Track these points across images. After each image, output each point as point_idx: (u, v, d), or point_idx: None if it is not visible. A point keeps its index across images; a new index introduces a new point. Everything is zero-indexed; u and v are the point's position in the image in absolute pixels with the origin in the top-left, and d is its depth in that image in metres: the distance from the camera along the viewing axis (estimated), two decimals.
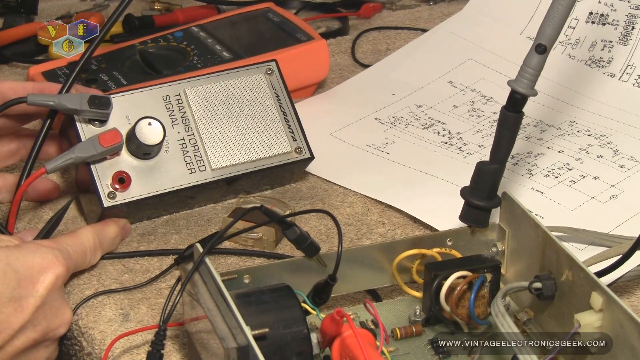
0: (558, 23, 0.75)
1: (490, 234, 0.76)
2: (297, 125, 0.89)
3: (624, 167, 0.93)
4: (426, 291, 0.72)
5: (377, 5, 1.30)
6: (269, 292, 0.68)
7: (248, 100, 0.89)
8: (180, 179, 0.85)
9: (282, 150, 0.88)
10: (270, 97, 0.90)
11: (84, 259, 0.78)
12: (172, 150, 0.85)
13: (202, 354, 0.67)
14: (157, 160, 0.85)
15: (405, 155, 0.97)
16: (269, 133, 0.88)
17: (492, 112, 1.04)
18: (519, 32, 1.14)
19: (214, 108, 0.87)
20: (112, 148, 0.82)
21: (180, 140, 0.86)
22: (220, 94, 0.88)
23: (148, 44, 1.05)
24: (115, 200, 0.82)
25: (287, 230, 0.70)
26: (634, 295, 0.79)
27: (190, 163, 0.85)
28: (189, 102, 0.87)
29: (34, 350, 0.72)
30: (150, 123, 0.83)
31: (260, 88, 0.89)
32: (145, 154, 0.84)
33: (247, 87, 0.89)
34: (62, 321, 0.73)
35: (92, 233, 0.79)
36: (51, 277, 0.71)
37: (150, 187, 0.84)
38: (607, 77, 1.06)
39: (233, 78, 0.89)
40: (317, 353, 0.66)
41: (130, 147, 0.84)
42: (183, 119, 0.87)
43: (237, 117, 0.88)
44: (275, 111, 0.89)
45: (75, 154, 0.82)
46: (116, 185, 0.83)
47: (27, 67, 1.06)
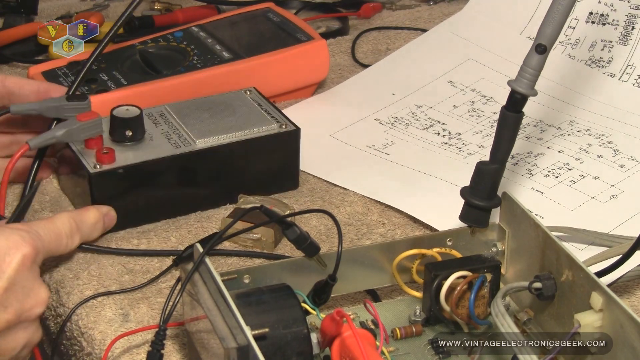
0: (558, 23, 0.75)
1: (490, 234, 0.76)
2: (277, 112, 0.92)
3: (624, 167, 0.93)
4: (426, 291, 0.72)
5: (377, 5, 1.30)
6: (269, 292, 0.68)
7: (228, 104, 0.92)
8: (167, 152, 0.86)
9: (267, 126, 0.89)
10: (250, 101, 0.93)
11: (58, 242, 0.77)
12: (156, 137, 0.88)
13: (202, 354, 0.67)
14: (142, 143, 0.87)
15: (405, 156, 0.97)
16: (251, 117, 0.90)
17: (492, 112, 1.04)
18: (519, 32, 1.14)
19: (197, 114, 0.91)
20: (89, 124, 0.85)
21: (164, 133, 0.88)
22: (200, 104, 0.93)
23: (148, 44, 1.05)
24: (102, 168, 0.83)
25: (287, 230, 0.70)
26: (634, 295, 0.79)
27: (175, 142, 0.87)
28: (171, 112, 0.91)
29: (11, 333, 0.71)
30: (127, 109, 0.87)
31: (239, 98, 0.94)
32: (128, 134, 0.86)
33: (227, 97, 0.94)
34: (37, 301, 0.71)
35: (69, 217, 0.79)
36: (18, 257, 0.70)
37: (137, 158, 0.85)
38: (607, 77, 1.06)
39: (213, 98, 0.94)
40: (317, 353, 0.66)
41: (113, 134, 0.86)
42: (166, 122, 0.90)
43: (219, 114, 0.91)
44: (256, 106, 0.92)
45: (56, 130, 0.85)
46: (101, 157, 0.84)
47: (27, 67, 1.06)
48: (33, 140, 0.84)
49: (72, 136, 0.85)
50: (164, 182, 0.87)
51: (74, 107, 0.87)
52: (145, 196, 0.87)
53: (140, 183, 0.86)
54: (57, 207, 0.89)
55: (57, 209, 0.89)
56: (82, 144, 0.86)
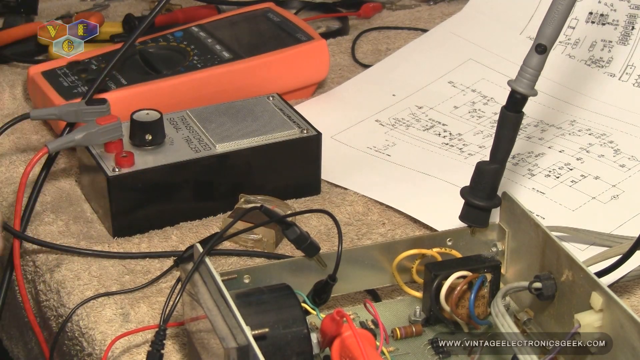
0: (558, 23, 0.75)
1: (490, 234, 0.76)
2: (299, 118, 0.92)
3: (625, 167, 0.93)
4: (426, 291, 0.72)
5: (377, 5, 1.30)
6: (269, 292, 0.68)
7: (250, 110, 0.92)
8: (186, 156, 0.86)
9: (288, 131, 0.89)
10: (272, 106, 0.93)
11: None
12: (176, 142, 0.87)
13: (202, 354, 0.67)
14: (162, 147, 0.86)
15: (406, 157, 0.97)
16: (272, 122, 0.90)
17: (492, 113, 1.04)
18: (519, 32, 1.14)
19: (218, 119, 0.90)
20: (108, 127, 0.84)
21: (184, 137, 0.88)
22: (221, 109, 0.92)
23: (148, 43, 1.05)
24: (121, 171, 0.83)
25: (287, 230, 0.70)
26: (634, 295, 0.79)
27: (195, 146, 0.87)
28: (192, 117, 0.91)
29: None
30: (148, 113, 0.87)
31: (261, 103, 0.93)
32: (148, 138, 0.85)
33: (249, 102, 0.93)
34: None
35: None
36: None
37: (156, 162, 0.85)
38: (607, 77, 1.06)
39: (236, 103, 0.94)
40: (317, 353, 0.66)
41: (133, 138, 0.86)
42: (187, 127, 0.90)
43: (240, 119, 0.90)
44: (278, 112, 0.92)
45: (76, 134, 0.84)
46: (120, 161, 0.84)
47: (27, 67, 1.06)
48: (52, 144, 0.84)
49: (91, 140, 0.85)
50: (183, 186, 0.86)
51: (93, 111, 0.87)
52: (164, 199, 0.86)
53: (159, 186, 0.85)
54: (58, 209, 0.89)
55: (58, 209, 0.89)
56: (101, 147, 0.86)
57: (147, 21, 0.94)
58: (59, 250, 0.83)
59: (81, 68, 1.01)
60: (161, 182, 0.85)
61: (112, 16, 1.27)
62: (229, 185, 0.88)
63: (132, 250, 0.84)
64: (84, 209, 0.89)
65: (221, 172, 0.87)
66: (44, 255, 0.84)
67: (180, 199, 0.87)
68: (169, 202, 0.86)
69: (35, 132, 1.01)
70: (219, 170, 0.87)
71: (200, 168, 0.86)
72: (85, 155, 0.87)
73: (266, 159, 0.88)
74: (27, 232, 0.86)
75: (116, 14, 1.28)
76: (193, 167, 0.85)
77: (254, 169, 0.88)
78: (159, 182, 0.85)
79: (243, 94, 0.98)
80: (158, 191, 0.85)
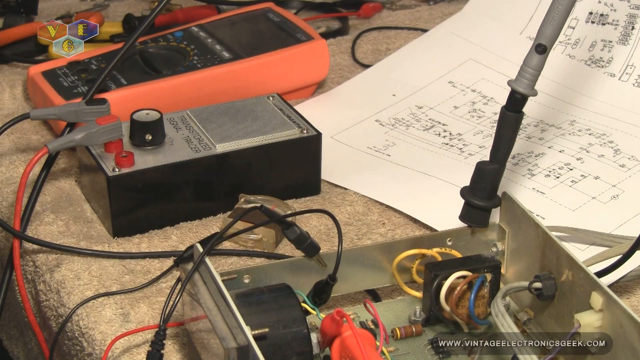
0: (558, 23, 0.75)
1: (490, 234, 0.76)
2: (299, 118, 0.92)
3: (625, 167, 0.93)
4: (426, 291, 0.72)
5: (377, 5, 1.30)
6: (269, 292, 0.68)
7: (250, 110, 0.92)
8: (186, 156, 0.86)
9: (288, 131, 0.89)
10: (272, 106, 0.93)
11: None
12: (176, 142, 0.87)
13: (202, 354, 0.67)
14: (162, 147, 0.86)
15: (406, 157, 0.97)
16: (272, 122, 0.90)
17: (492, 113, 1.04)
18: (519, 32, 1.14)
19: (218, 119, 0.90)
20: (108, 127, 0.84)
21: (184, 137, 0.88)
22: (221, 109, 0.92)
23: (148, 43, 1.05)
24: (121, 171, 0.83)
25: (287, 230, 0.70)
26: (634, 295, 0.79)
27: (195, 146, 0.87)
28: (192, 117, 0.91)
29: None
30: (148, 113, 0.87)
31: (261, 103, 0.93)
32: (148, 138, 0.85)
33: (249, 102, 0.93)
34: None
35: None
36: None
37: (156, 162, 0.85)
38: (607, 76, 1.06)
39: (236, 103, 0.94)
40: (317, 353, 0.66)
41: (133, 138, 0.86)
42: (187, 127, 0.89)
43: (241, 119, 0.90)
44: (278, 112, 0.92)
45: (76, 134, 0.84)
46: (120, 161, 0.84)
47: (27, 67, 1.06)
48: (52, 144, 0.84)
49: (91, 140, 0.85)
50: (183, 186, 0.86)
51: (93, 111, 0.87)
52: (164, 199, 0.86)
53: (159, 186, 0.85)
54: (58, 209, 0.89)
55: (58, 209, 0.89)
56: (101, 147, 0.86)
57: (147, 21, 0.93)
58: (59, 250, 0.83)
59: (81, 68, 1.01)
60: (161, 182, 0.85)
61: (112, 16, 1.28)
62: (229, 185, 0.88)
63: (132, 250, 0.84)
64: (84, 209, 0.89)
65: (221, 172, 0.87)
66: (44, 255, 0.84)
67: (180, 199, 0.87)
68: (169, 202, 0.86)
69: (35, 132, 1.01)
70: (219, 170, 0.87)
71: (200, 168, 0.86)
72: (85, 155, 0.87)
73: (266, 159, 0.88)
74: (27, 232, 0.86)
75: (116, 14, 1.28)
76: (193, 167, 0.85)
77: (254, 169, 0.88)
78: (159, 182, 0.85)
79: (243, 94, 0.98)
80: (158, 191, 0.85)
